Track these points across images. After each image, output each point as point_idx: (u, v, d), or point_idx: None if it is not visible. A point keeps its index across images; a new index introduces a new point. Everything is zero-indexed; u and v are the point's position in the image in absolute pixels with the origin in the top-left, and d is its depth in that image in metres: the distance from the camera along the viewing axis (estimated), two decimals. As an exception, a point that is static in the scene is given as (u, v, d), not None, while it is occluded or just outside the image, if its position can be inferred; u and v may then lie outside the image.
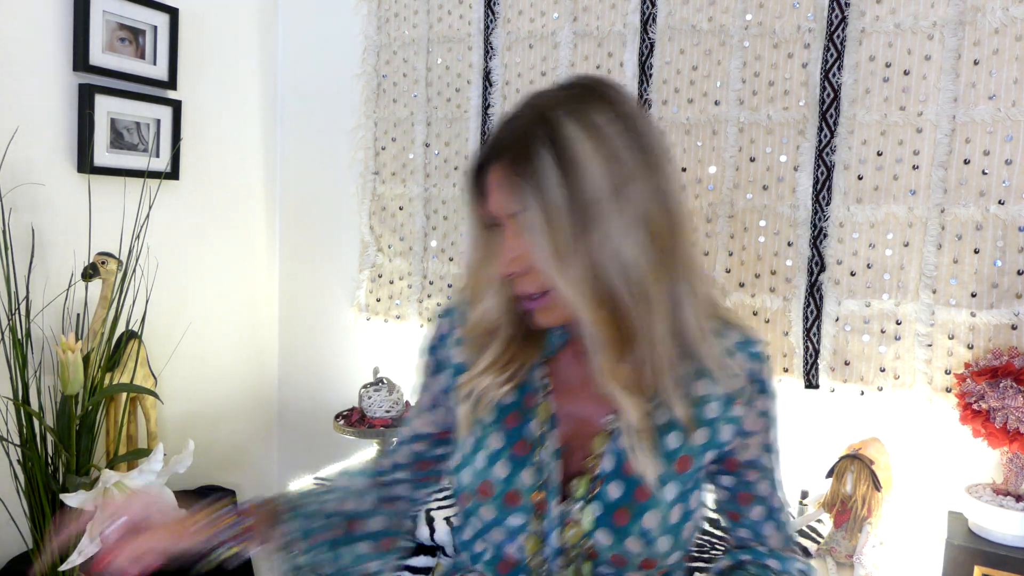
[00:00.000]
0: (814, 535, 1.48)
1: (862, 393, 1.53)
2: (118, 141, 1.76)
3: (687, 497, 0.82)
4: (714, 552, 1.39)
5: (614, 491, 0.80)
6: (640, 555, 0.79)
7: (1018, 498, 1.31)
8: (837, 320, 1.54)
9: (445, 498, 1.55)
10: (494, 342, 0.83)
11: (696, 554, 1.36)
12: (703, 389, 0.81)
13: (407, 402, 1.86)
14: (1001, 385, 1.30)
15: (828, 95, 1.53)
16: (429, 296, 2.00)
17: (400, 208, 2.03)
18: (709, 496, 0.89)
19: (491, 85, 1.88)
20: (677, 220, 0.75)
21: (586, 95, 0.75)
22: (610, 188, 0.71)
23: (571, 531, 0.79)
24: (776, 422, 0.86)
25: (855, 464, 1.40)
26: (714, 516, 0.93)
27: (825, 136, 1.54)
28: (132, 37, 1.78)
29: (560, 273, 0.72)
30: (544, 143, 0.71)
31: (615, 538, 0.79)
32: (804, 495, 1.54)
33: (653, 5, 1.68)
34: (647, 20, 1.69)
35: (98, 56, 1.69)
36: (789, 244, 1.58)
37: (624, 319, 0.74)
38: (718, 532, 1.48)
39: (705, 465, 0.84)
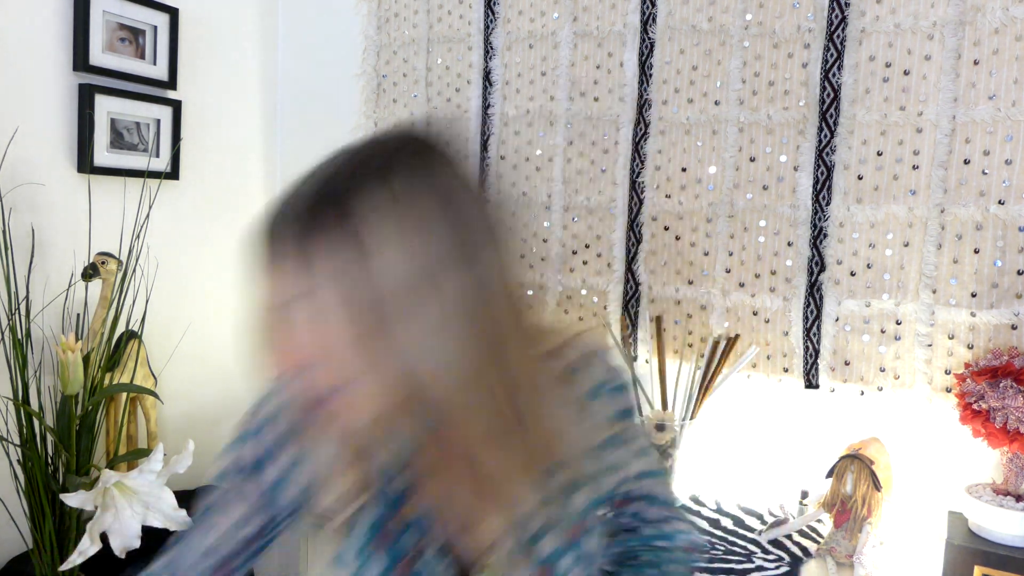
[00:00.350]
0: (814, 535, 1.48)
1: (862, 393, 1.53)
2: (118, 141, 1.76)
3: (582, 555, 0.75)
4: (714, 552, 1.39)
5: None
6: None
7: (1018, 498, 1.31)
8: (837, 320, 1.54)
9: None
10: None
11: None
12: (580, 501, 0.75)
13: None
14: (1001, 385, 1.30)
15: (828, 95, 1.53)
16: (429, 296, 1.99)
17: (400, 208, 2.03)
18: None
19: (491, 85, 1.88)
20: (502, 308, 0.65)
21: (402, 156, 0.64)
22: (418, 277, 0.60)
23: None
24: (645, 441, 0.82)
25: (855, 464, 1.40)
26: (713, 516, 0.93)
27: (825, 136, 1.54)
28: (132, 37, 1.78)
29: (366, 367, 0.61)
30: (339, 219, 0.60)
31: None
32: (804, 495, 1.54)
33: (653, 5, 1.68)
34: (647, 20, 1.69)
35: (98, 56, 1.69)
36: (789, 244, 1.58)
37: (447, 431, 0.66)
38: (718, 532, 1.48)
39: (597, 518, 0.78)
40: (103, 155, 1.72)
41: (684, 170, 1.67)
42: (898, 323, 1.49)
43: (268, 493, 0.78)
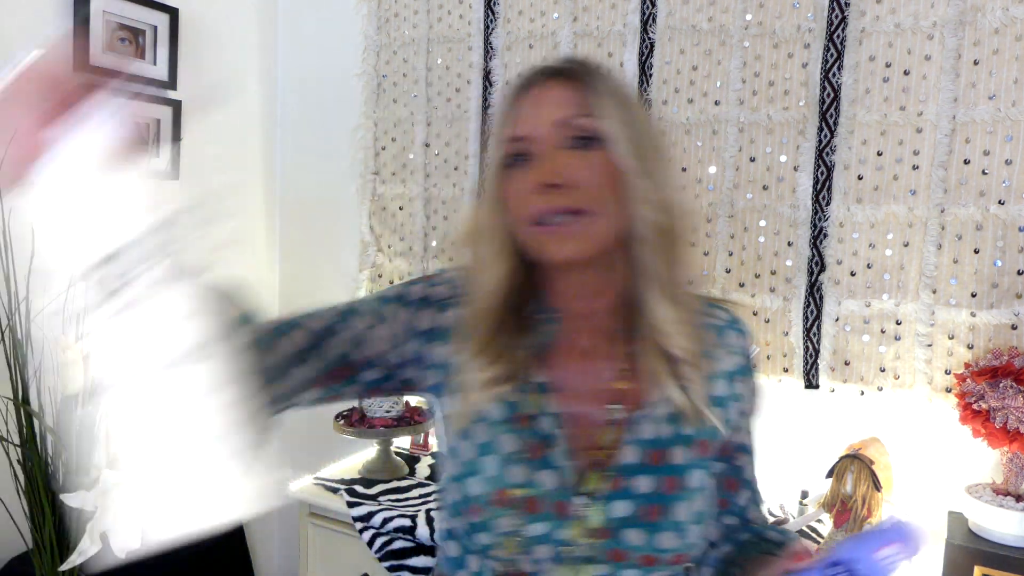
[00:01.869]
0: (814, 535, 1.48)
1: (862, 393, 1.53)
2: (118, 141, 1.76)
3: (706, 484, 0.78)
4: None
5: (644, 485, 0.74)
6: (673, 551, 0.74)
7: (1018, 498, 1.31)
8: (837, 320, 1.54)
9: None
10: (484, 328, 0.77)
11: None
12: (709, 367, 0.78)
13: (407, 402, 1.86)
14: (1001, 385, 1.30)
15: (828, 95, 1.53)
16: (429, 296, 1.99)
17: (400, 208, 2.03)
18: None
19: (491, 85, 1.88)
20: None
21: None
22: (657, 134, 0.77)
23: (587, 532, 0.73)
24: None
25: (855, 464, 1.40)
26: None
27: (825, 136, 1.54)
28: (132, 37, 1.78)
29: (636, 181, 0.72)
30: (609, 75, 0.76)
31: (647, 536, 0.73)
32: (804, 495, 1.54)
33: (653, 5, 1.68)
34: (647, 20, 1.69)
35: (98, 56, 1.69)
36: (789, 244, 1.58)
37: (671, 243, 0.75)
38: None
39: (716, 446, 0.80)
40: (103, 155, 1.72)
41: (684, 170, 1.67)
42: (898, 323, 1.49)
43: (414, 333, 0.81)
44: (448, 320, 0.80)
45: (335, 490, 1.72)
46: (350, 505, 1.63)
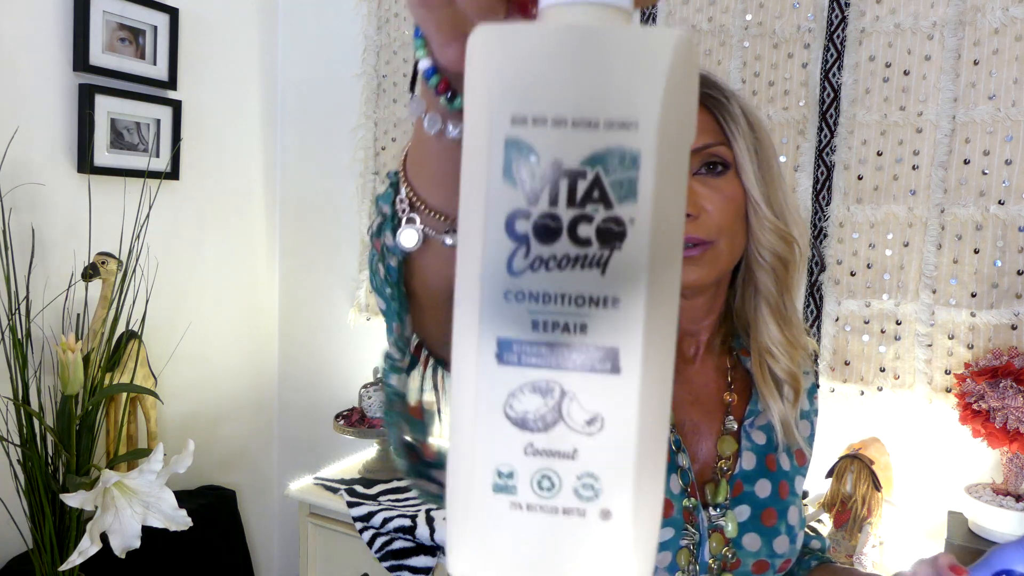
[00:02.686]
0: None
1: (862, 393, 1.53)
2: (118, 141, 1.76)
3: (801, 492, 0.81)
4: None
5: (761, 490, 0.76)
6: (784, 555, 0.76)
7: (1018, 498, 1.31)
8: (837, 320, 1.54)
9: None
10: None
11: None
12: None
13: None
14: (1001, 385, 1.30)
15: (828, 95, 1.53)
16: (429, 296, 1.99)
17: (400, 208, 2.03)
18: None
19: (491, 85, 1.88)
20: None
21: None
22: (774, 151, 0.76)
23: (715, 540, 0.74)
24: None
25: (855, 464, 1.40)
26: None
27: (825, 136, 1.54)
28: (132, 37, 1.78)
29: (763, 208, 0.73)
30: (731, 94, 0.75)
31: (763, 541, 0.74)
32: (804, 495, 1.54)
33: (653, 5, 1.68)
34: (647, 20, 1.69)
35: (98, 56, 1.69)
36: (789, 244, 1.58)
37: (787, 270, 0.76)
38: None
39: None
40: (103, 155, 1.72)
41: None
42: (898, 323, 1.49)
43: None
44: None
45: (335, 490, 1.72)
46: (350, 505, 1.63)
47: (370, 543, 1.57)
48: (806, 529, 0.90)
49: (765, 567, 0.75)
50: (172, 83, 1.86)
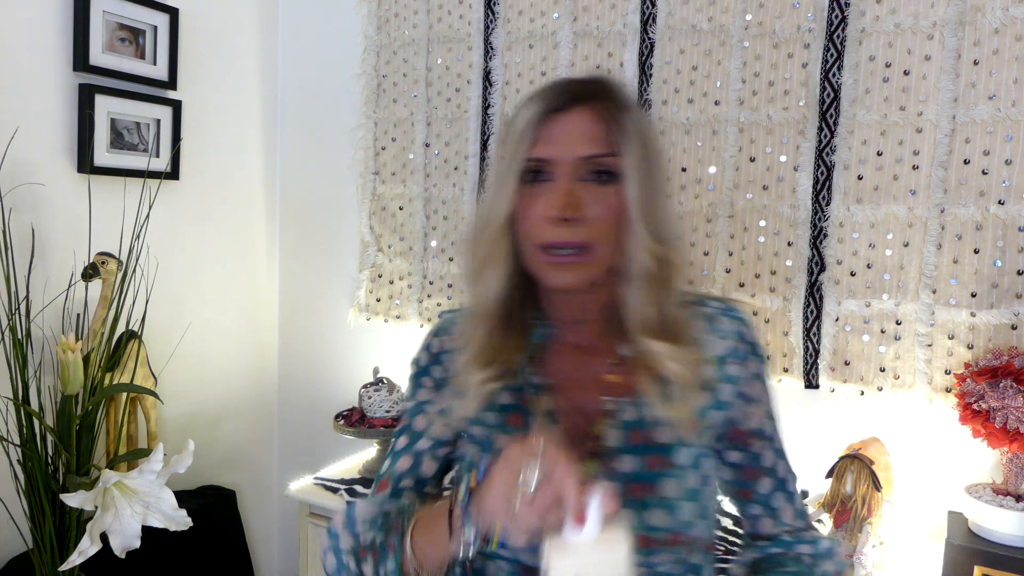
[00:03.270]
0: (814, 535, 1.48)
1: (862, 393, 1.53)
2: (118, 141, 1.76)
3: (700, 462, 0.81)
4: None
5: (626, 464, 0.79)
6: (665, 529, 0.77)
7: (1018, 498, 1.31)
8: (837, 320, 1.54)
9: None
10: (481, 331, 0.82)
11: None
12: (699, 356, 0.82)
13: (407, 402, 1.86)
14: (1001, 385, 1.30)
15: (828, 95, 1.53)
16: (429, 296, 2.00)
17: (400, 208, 2.03)
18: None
19: (491, 85, 1.88)
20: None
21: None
22: (663, 164, 0.81)
23: None
24: (771, 388, 0.87)
25: (855, 464, 1.40)
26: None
27: (825, 136, 1.54)
28: (132, 37, 1.78)
29: (638, 224, 0.76)
30: (630, 105, 0.79)
31: (637, 515, 0.77)
32: (804, 495, 1.54)
33: (653, 5, 1.68)
34: (647, 20, 1.69)
35: (98, 56, 1.69)
36: (789, 244, 1.58)
37: (655, 286, 0.79)
38: (718, 532, 1.48)
39: (713, 428, 0.82)
40: (103, 155, 1.72)
41: (684, 170, 1.67)
42: (898, 323, 1.49)
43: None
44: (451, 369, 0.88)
45: (335, 490, 1.72)
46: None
47: (370, 543, 1.57)
48: (814, 532, 0.89)
49: (648, 542, 0.77)
50: (172, 83, 1.86)
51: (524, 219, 0.78)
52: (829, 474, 1.43)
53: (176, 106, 1.87)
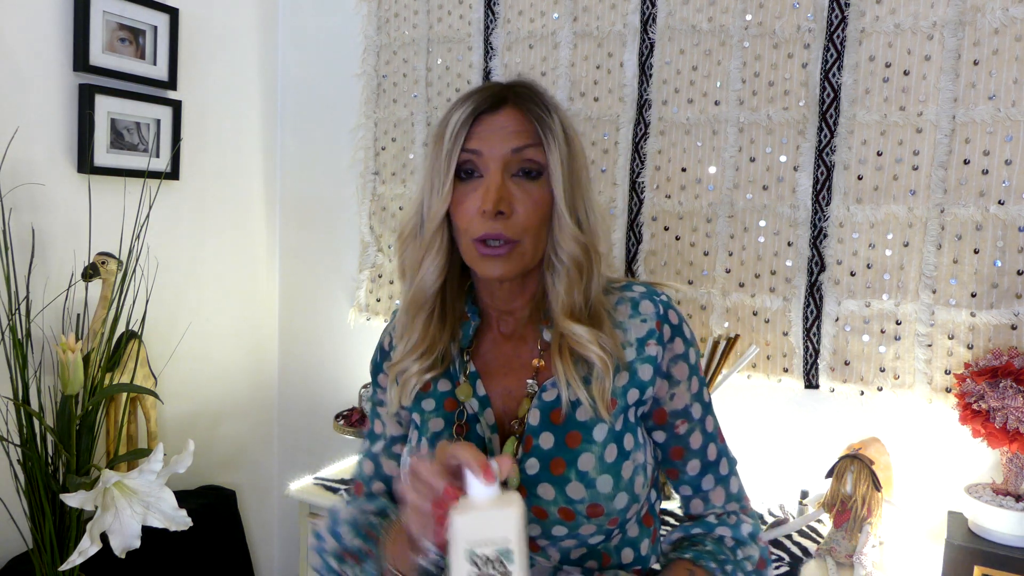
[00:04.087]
0: (814, 535, 1.48)
1: (862, 393, 1.53)
2: (118, 141, 1.76)
3: (620, 438, 0.84)
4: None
5: (545, 442, 0.84)
6: (584, 501, 0.82)
7: (1018, 498, 1.31)
8: (837, 320, 1.54)
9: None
10: (418, 322, 0.89)
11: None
12: (619, 336, 0.87)
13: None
14: (1001, 385, 1.30)
15: (828, 95, 1.53)
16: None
17: (400, 208, 2.03)
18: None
19: (491, 85, 1.88)
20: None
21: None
22: (585, 162, 0.87)
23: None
24: (699, 371, 0.90)
25: (855, 464, 1.40)
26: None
27: (825, 136, 1.54)
28: (132, 37, 1.78)
29: (564, 216, 0.83)
30: (554, 107, 0.85)
31: (556, 489, 0.82)
32: (804, 495, 1.54)
33: (653, 5, 1.68)
34: (647, 20, 1.69)
35: (98, 56, 1.69)
36: (789, 244, 1.58)
37: (580, 274, 0.85)
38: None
39: (632, 406, 0.86)
40: (103, 155, 1.72)
41: (684, 170, 1.67)
42: (898, 323, 1.49)
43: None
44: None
45: (335, 490, 1.72)
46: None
47: (370, 543, 1.57)
48: (742, 516, 0.90)
49: (570, 515, 0.82)
50: (172, 83, 1.86)
51: (459, 214, 0.84)
52: (829, 474, 1.43)
53: (176, 106, 1.87)
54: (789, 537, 1.46)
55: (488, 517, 0.65)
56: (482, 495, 0.66)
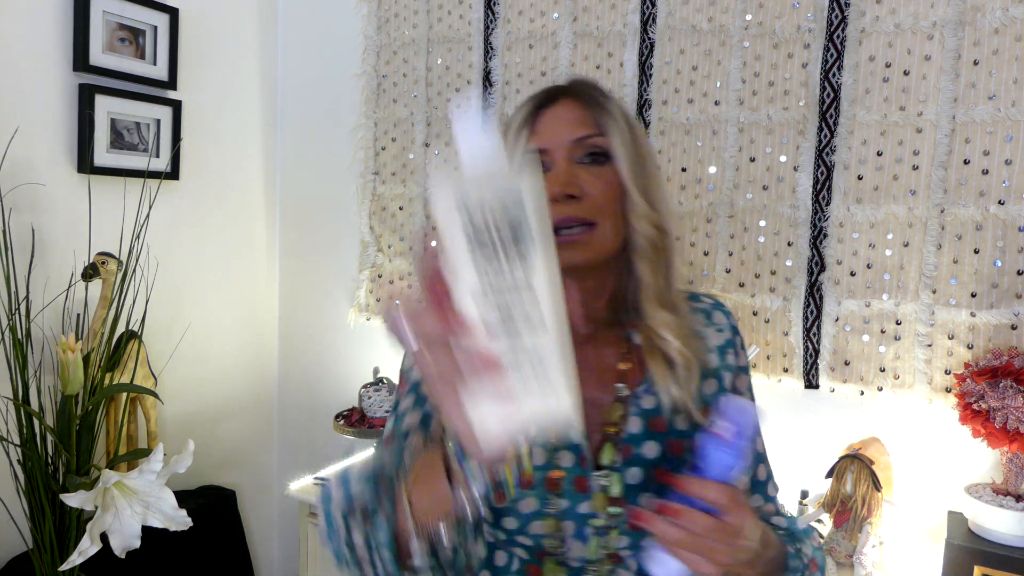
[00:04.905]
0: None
1: (862, 393, 1.53)
2: (118, 141, 1.76)
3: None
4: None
5: (649, 451, 0.81)
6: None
7: (1018, 498, 1.31)
8: (837, 320, 1.54)
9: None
10: None
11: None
12: (702, 344, 0.86)
13: (407, 402, 1.86)
14: (1001, 385, 1.30)
15: (828, 95, 1.53)
16: (429, 296, 1.99)
17: (400, 208, 2.03)
18: None
19: (491, 85, 1.88)
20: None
21: None
22: (651, 148, 0.87)
23: (596, 500, 0.78)
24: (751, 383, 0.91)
25: (855, 464, 1.40)
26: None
27: (825, 136, 1.54)
28: (132, 37, 1.78)
29: (635, 196, 0.81)
30: (611, 95, 0.86)
31: (659, 499, 0.76)
32: (804, 495, 1.54)
33: (653, 5, 1.68)
34: (647, 20, 1.69)
35: (98, 56, 1.69)
36: (789, 244, 1.58)
37: (660, 258, 0.83)
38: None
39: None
40: (103, 155, 1.72)
41: (684, 170, 1.67)
42: (898, 323, 1.49)
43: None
44: None
45: (335, 490, 1.72)
46: (350, 505, 1.63)
47: (370, 543, 1.57)
48: (781, 511, 0.91)
49: None
50: (172, 83, 1.86)
51: None
52: (829, 474, 1.43)
53: (176, 106, 1.87)
54: (789, 537, 1.46)
55: (493, 175, 0.47)
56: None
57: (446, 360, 0.49)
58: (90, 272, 1.57)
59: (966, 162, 1.43)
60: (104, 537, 1.37)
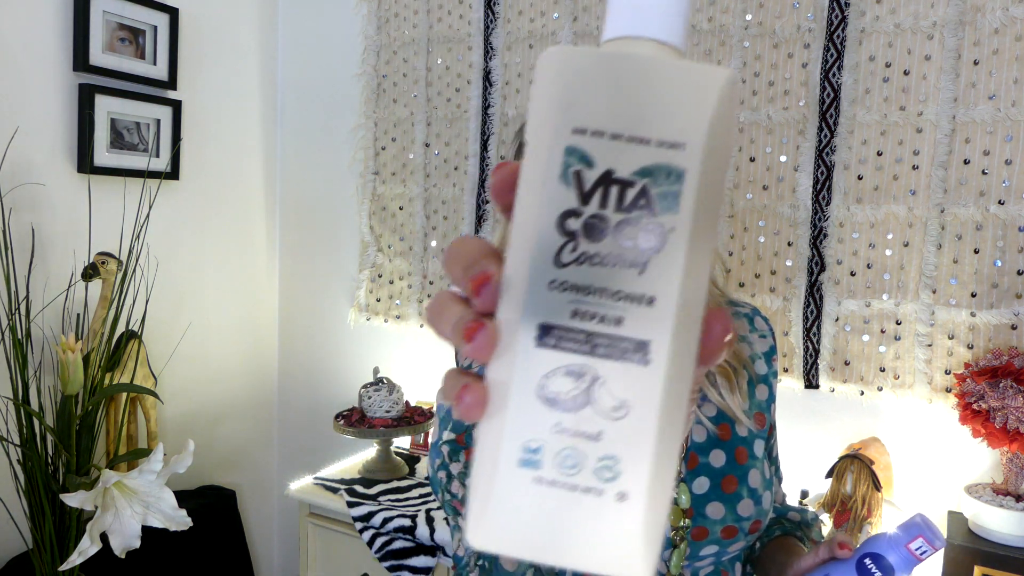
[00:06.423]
0: (814, 535, 1.48)
1: (862, 393, 1.53)
2: (118, 141, 1.76)
3: (766, 455, 0.85)
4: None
5: (716, 459, 0.80)
6: (750, 518, 0.79)
7: (1018, 498, 1.31)
8: (837, 320, 1.54)
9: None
10: None
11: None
12: (747, 349, 0.86)
13: (407, 402, 1.86)
14: (1001, 385, 1.30)
15: (828, 95, 1.53)
16: (429, 296, 2.00)
17: (400, 208, 2.03)
18: None
19: (491, 85, 1.88)
20: None
21: None
22: None
23: (679, 514, 0.78)
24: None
25: (855, 464, 1.40)
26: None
27: (825, 136, 1.54)
28: (132, 37, 1.78)
29: None
30: None
31: (727, 508, 0.78)
32: (804, 495, 1.54)
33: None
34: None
35: (98, 56, 1.69)
36: (789, 244, 1.58)
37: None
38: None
39: (770, 422, 0.86)
40: (103, 155, 1.72)
41: (684, 170, 1.67)
42: (898, 323, 1.49)
43: None
44: None
45: (335, 490, 1.72)
46: (350, 505, 1.63)
47: (370, 543, 1.57)
48: (791, 506, 0.94)
49: (734, 532, 0.78)
50: (172, 83, 1.86)
51: None
52: (829, 474, 1.43)
53: (176, 106, 1.87)
54: (789, 537, 1.46)
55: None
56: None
57: None
58: (90, 272, 1.57)
59: (966, 162, 1.43)
60: (104, 537, 1.37)
